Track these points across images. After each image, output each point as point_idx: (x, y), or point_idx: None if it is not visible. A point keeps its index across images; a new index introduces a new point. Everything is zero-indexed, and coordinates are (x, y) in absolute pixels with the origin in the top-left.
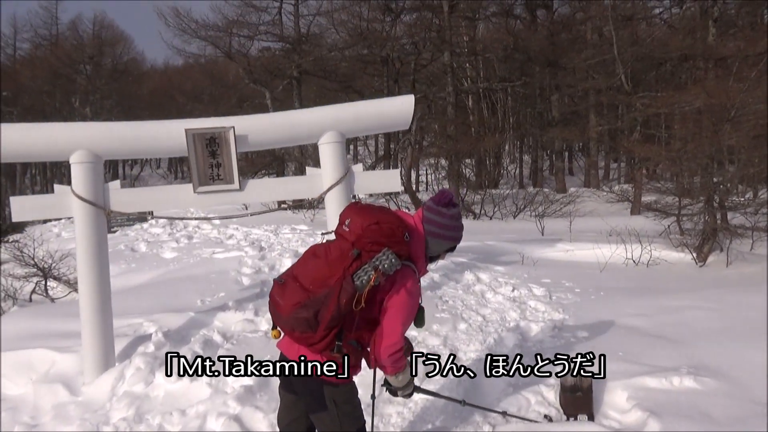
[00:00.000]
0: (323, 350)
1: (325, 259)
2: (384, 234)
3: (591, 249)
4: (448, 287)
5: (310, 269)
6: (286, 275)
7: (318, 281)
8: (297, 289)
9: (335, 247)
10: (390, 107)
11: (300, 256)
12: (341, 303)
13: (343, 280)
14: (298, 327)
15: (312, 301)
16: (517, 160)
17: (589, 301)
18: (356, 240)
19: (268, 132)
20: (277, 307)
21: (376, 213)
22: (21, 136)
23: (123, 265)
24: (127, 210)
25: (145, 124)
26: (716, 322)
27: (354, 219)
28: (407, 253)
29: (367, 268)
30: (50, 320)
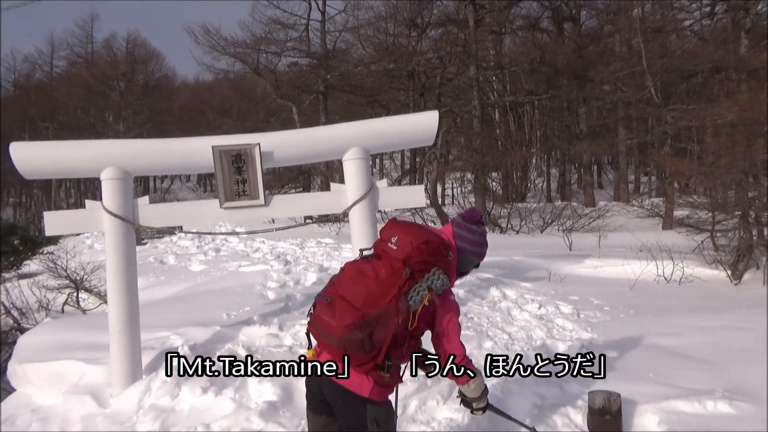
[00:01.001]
0: (371, 370)
1: (375, 279)
2: (433, 253)
3: (620, 265)
4: (473, 303)
5: (360, 288)
6: (331, 294)
7: (370, 301)
8: (348, 309)
9: (384, 265)
10: (414, 123)
11: (336, 271)
12: (395, 321)
13: (398, 300)
14: (351, 347)
15: (366, 321)
16: (545, 173)
17: (618, 319)
18: (406, 258)
19: (293, 148)
20: (327, 327)
21: (424, 232)
22: (54, 154)
23: (152, 278)
24: (155, 225)
25: (174, 142)
26: (752, 343)
27: (401, 237)
28: (449, 271)
29: (420, 287)
30: (81, 332)
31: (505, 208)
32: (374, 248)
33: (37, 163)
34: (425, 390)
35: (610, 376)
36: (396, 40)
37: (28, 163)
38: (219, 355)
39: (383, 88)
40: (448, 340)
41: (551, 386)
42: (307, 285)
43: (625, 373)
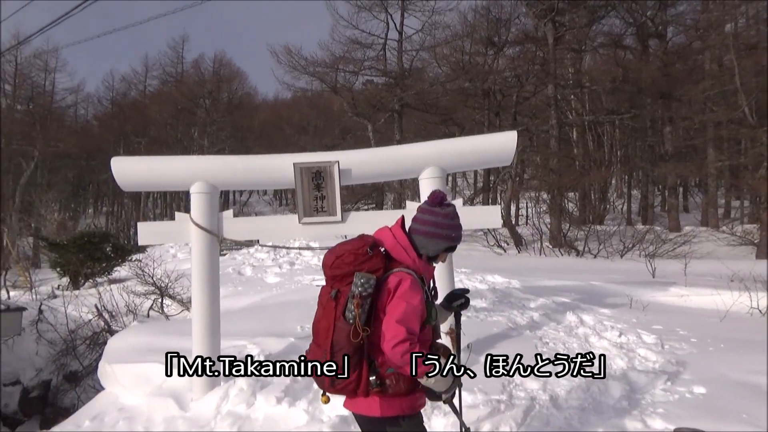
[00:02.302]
0: (367, 391)
1: (321, 311)
2: (346, 263)
3: (710, 295)
4: (549, 328)
5: (317, 323)
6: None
7: (323, 333)
8: (315, 349)
9: (323, 295)
10: (492, 143)
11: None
12: (343, 344)
13: (336, 322)
14: (329, 381)
15: (327, 355)
16: (625, 195)
17: (707, 353)
18: (332, 281)
19: (371, 166)
20: (312, 373)
21: (338, 248)
22: (149, 168)
23: (230, 288)
24: (238, 238)
25: (258, 158)
26: None
27: (324, 262)
28: (381, 264)
29: (350, 299)
30: (165, 336)
31: (582, 231)
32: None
33: (134, 176)
34: (498, 414)
35: (699, 413)
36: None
37: (126, 176)
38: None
39: (458, 107)
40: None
41: (632, 419)
42: None
43: (715, 411)
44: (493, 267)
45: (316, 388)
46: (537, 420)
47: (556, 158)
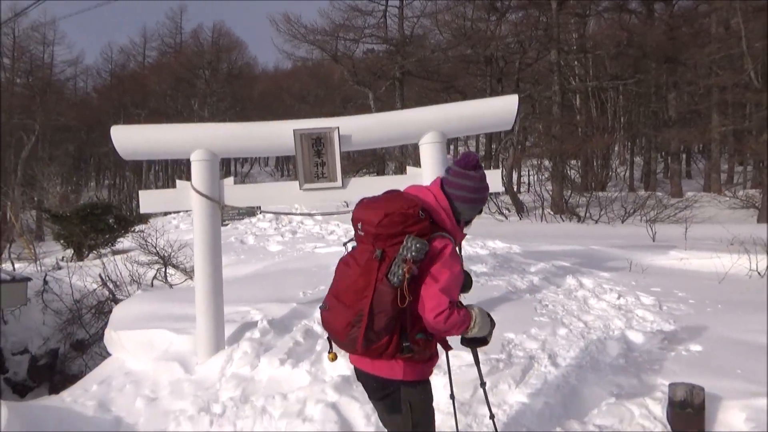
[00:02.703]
0: (395, 355)
1: (356, 269)
2: (397, 223)
3: (709, 258)
4: (548, 291)
5: (347, 284)
6: (328, 298)
7: (357, 294)
8: (342, 310)
9: (360, 253)
10: (493, 107)
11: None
12: (386, 306)
13: (378, 284)
14: (358, 345)
15: (359, 316)
16: (628, 161)
17: (704, 313)
18: (374, 240)
19: (371, 132)
20: (333, 332)
21: (383, 204)
22: (149, 136)
23: (233, 257)
24: (239, 204)
25: (258, 125)
26: None
27: (364, 219)
28: (429, 229)
29: (398, 262)
30: (169, 304)
31: (584, 197)
32: (355, 238)
33: (134, 144)
34: (497, 373)
35: (694, 370)
36: (474, 24)
37: (126, 144)
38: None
39: (460, 74)
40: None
41: (629, 376)
42: None
43: (710, 368)
44: (494, 233)
45: (319, 350)
46: (535, 378)
47: (558, 125)
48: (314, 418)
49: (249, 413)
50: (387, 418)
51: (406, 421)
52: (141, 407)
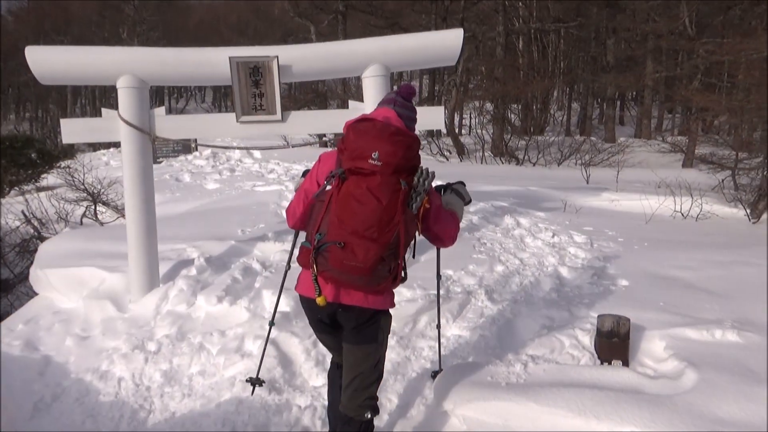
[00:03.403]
0: (392, 284)
1: (378, 204)
2: (415, 156)
3: (638, 200)
4: (486, 230)
5: (368, 219)
6: (340, 235)
7: (383, 228)
8: (369, 245)
9: (379, 187)
10: (438, 41)
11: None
12: (412, 236)
13: (404, 215)
14: (384, 278)
15: (389, 251)
16: (565, 107)
17: (632, 251)
18: (396, 171)
19: (312, 62)
20: (354, 270)
21: (401, 138)
22: (70, 58)
23: (168, 194)
24: (172, 136)
25: (191, 51)
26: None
27: (382, 149)
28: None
29: (417, 193)
30: (100, 241)
31: (524, 140)
32: (353, 165)
33: (53, 67)
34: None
35: (621, 303)
36: None
37: (44, 66)
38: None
39: (404, 11)
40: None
41: (560, 309)
42: None
43: (635, 301)
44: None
45: (258, 287)
46: (472, 312)
47: (501, 67)
48: (253, 353)
49: (186, 350)
50: (357, 349)
51: (379, 347)
52: (71, 346)
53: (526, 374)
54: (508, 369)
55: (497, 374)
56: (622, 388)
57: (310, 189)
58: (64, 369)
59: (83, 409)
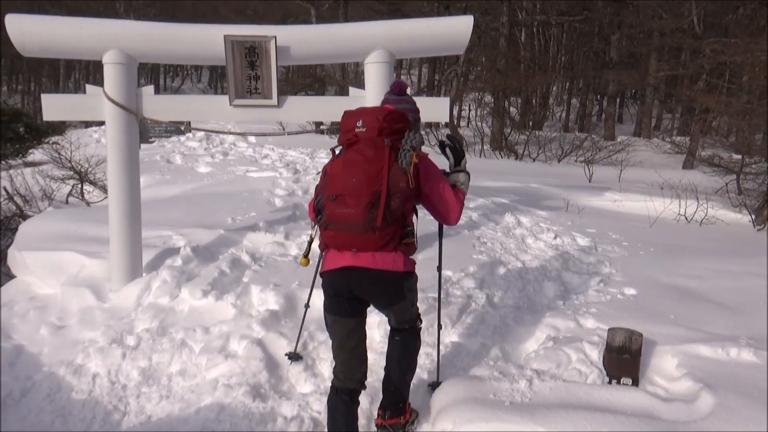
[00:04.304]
0: (398, 244)
1: (364, 160)
2: (399, 119)
3: (642, 201)
4: (487, 228)
5: (357, 174)
6: (335, 190)
7: (371, 179)
8: (358, 194)
9: (364, 147)
10: (447, 27)
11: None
12: (401, 187)
13: (391, 168)
14: (375, 225)
15: (377, 195)
16: (565, 102)
17: (638, 256)
18: (380, 132)
19: (312, 44)
20: (347, 217)
21: (382, 108)
22: (53, 30)
23: (158, 176)
24: (160, 118)
25: (183, 27)
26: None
27: (365, 118)
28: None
29: (404, 150)
30: (84, 224)
31: (524, 135)
32: (344, 139)
33: (35, 38)
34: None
35: (629, 314)
36: None
37: (26, 37)
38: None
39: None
40: (448, 199)
41: (566, 319)
42: None
43: (644, 312)
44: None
45: (246, 281)
46: (472, 317)
47: (504, 59)
48: (238, 354)
49: (167, 347)
50: (394, 309)
51: (410, 302)
52: (46, 336)
53: (531, 392)
54: (512, 386)
55: (500, 391)
56: (634, 411)
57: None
58: (37, 361)
59: (53, 407)
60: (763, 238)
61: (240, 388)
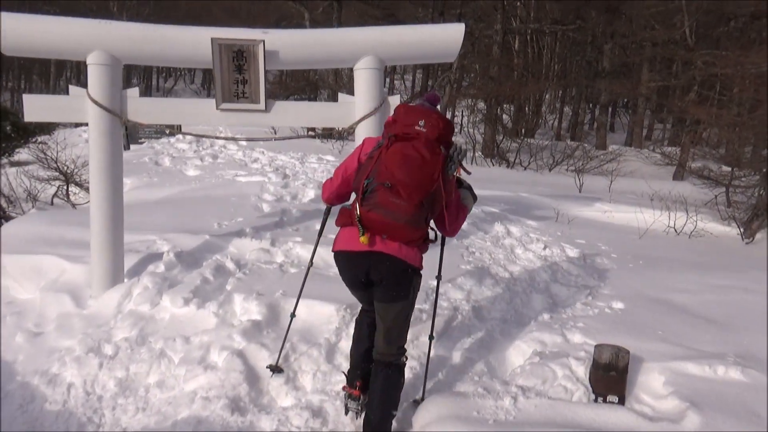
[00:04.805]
0: (421, 243)
1: (422, 160)
2: (451, 131)
3: (632, 212)
4: (476, 237)
5: (413, 171)
6: (388, 177)
7: (425, 180)
8: (414, 190)
9: (422, 147)
10: (438, 34)
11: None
12: (449, 195)
13: (443, 174)
14: (420, 224)
15: (428, 198)
16: (557, 110)
17: (626, 269)
18: (438, 137)
19: (300, 49)
20: (396, 207)
21: (442, 116)
22: (36, 29)
23: (145, 178)
24: (145, 121)
25: (170, 28)
26: (765, 308)
27: (427, 119)
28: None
29: (452, 162)
30: (66, 227)
31: (516, 143)
32: (402, 131)
33: (17, 37)
34: (419, 324)
35: (617, 329)
36: None
37: (8, 35)
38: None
39: (401, 3)
40: (458, 210)
41: (553, 333)
42: (304, 201)
43: (632, 327)
44: None
45: (229, 290)
46: (459, 330)
47: (497, 66)
48: (218, 366)
49: (145, 357)
50: (390, 307)
51: (409, 305)
52: (21, 343)
53: (515, 410)
54: (497, 402)
55: (484, 408)
56: (620, 430)
57: (350, 165)
58: (11, 369)
59: (26, 419)
60: (752, 252)
61: (219, 401)
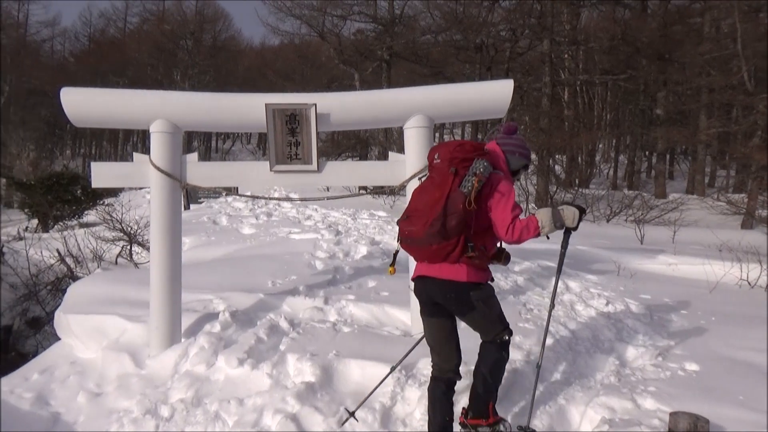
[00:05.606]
0: (460, 256)
1: (431, 187)
2: (469, 150)
3: (699, 265)
4: (533, 293)
5: (425, 198)
6: (406, 212)
7: (433, 202)
8: (421, 215)
9: (435, 175)
10: (486, 92)
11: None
12: (458, 208)
13: (451, 192)
14: (434, 240)
15: (437, 217)
16: (612, 160)
17: (698, 326)
18: (450, 161)
19: (351, 111)
20: (411, 233)
21: (454, 141)
22: (104, 101)
23: (203, 237)
24: (203, 185)
25: (226, 97)
26: None
27: (441, 151)
28: (492, 163)
29: (468, 176)
30: (128, 286)
31: (570, 193)
32: (428, 171)
33: (87, 110)
34: None
35: (692, 394)
36: (466, 9)
37: (78, 109)
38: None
39: (449, 60)
40: (495, 218)
41: (622, 398)
42: (356, 258)
43: (709, 392)
44: None
45: (283, 350)
46: (518, 393)
47: (547, 118)
48: (271, 430)
49: (200, 419)
50: (463, 318)
51: (483, 311)
52: (83, 403)
53: None
54: None
55: None
56: None
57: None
58: (72, 430)
59: None
60: None
61: None
